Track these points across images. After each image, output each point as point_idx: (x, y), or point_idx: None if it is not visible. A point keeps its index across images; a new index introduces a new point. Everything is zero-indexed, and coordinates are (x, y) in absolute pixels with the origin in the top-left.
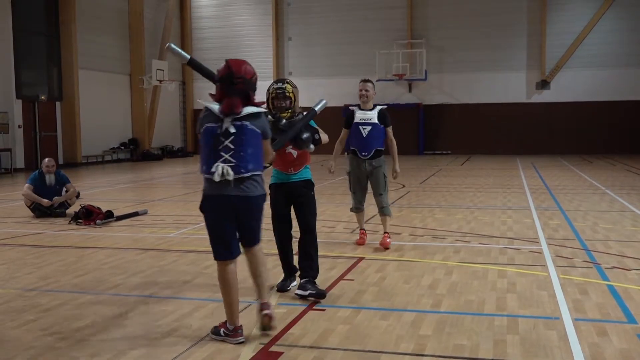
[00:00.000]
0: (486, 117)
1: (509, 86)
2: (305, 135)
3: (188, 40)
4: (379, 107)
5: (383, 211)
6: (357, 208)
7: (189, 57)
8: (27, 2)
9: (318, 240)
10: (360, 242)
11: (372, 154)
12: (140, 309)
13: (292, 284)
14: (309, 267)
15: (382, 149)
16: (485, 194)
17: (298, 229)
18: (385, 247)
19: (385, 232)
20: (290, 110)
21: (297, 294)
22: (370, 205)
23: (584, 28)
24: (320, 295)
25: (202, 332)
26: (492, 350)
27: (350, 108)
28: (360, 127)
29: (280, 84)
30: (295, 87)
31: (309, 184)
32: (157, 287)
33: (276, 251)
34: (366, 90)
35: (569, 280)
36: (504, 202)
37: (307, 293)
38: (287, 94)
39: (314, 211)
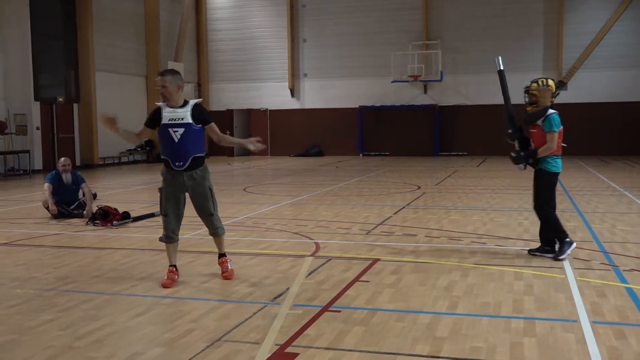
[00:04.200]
0: (502, 119)
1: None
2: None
3: (203, 41)
4: (192, 102)
5: (217, 232)
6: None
7: (501, 68)
8: (44, 6)
9: (333, 241)
10: (168, 284)
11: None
12: (157, 309)
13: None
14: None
15: (203, 155)
16: (502, 196)
17: None
18: (229, 277)
19: (223, 256)
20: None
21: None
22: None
23: (601, 29)
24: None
25: (218, 333)
26: (508, 353)
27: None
28: (170, 129)
29: (529, 83)
30: (542, 85)
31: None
32: (173, 288)
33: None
34: (164, 87)
35: (587, 283)
36: (520, 203)
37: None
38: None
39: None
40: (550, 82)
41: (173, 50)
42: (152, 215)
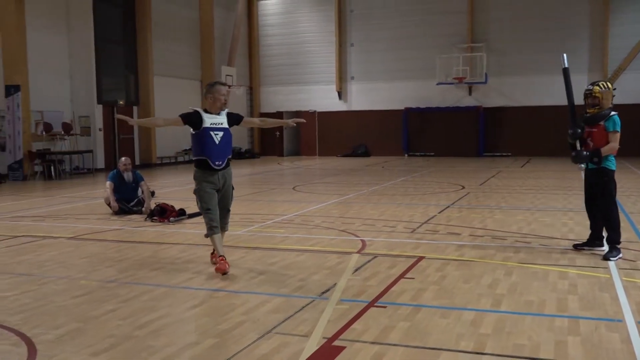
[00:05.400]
0: (547, 120)
1: None
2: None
3: (255, 46)
4: (226, 111)
5: (227, 227)
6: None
7: (566, 66)
8: (107, 14)
9: (379, 239)
10: (225, 268)
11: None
12: (210, 302)
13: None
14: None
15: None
16: (546, 196)
17: None
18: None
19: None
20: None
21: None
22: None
23: None
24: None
25: (268, 325)
26: (552, 351)
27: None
28: (211, 132)
29: (590, 86)
30: (604, 88)
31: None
32: (226, 281)
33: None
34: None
35: (632, 283)
36: (564, 204)
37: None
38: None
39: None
40: (609, 84)
41: (226, 55)
42: None
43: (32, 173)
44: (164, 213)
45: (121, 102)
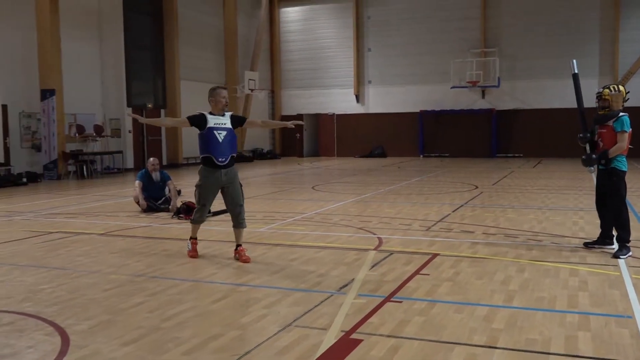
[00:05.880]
0: (557, 122)
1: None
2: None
3: (276, 52)
4: (229, 113)
5: (243, 224)
6: (202, 220)
7: (576, 71)
8: (136, 21)
9: (395, 236)
10: (195, 255)
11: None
12: (234, 296)
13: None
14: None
15: (235, 155)
16: (557, 196)
17: None
18: (247, 261)
19: (240, 246)
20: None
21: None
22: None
23: None
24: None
25: (288, 318)
26: (563, 346)
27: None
28: (215, 132)
29: (601, 89)
30: (614, 91)
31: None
32: (249, 276)
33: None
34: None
35: None
36: (575, 203)
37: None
38: (604, 97)
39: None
40: (622, 87)
41: (249, 61)
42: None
43: (66, 172)
44: (189, 211)
45: (149, 105)
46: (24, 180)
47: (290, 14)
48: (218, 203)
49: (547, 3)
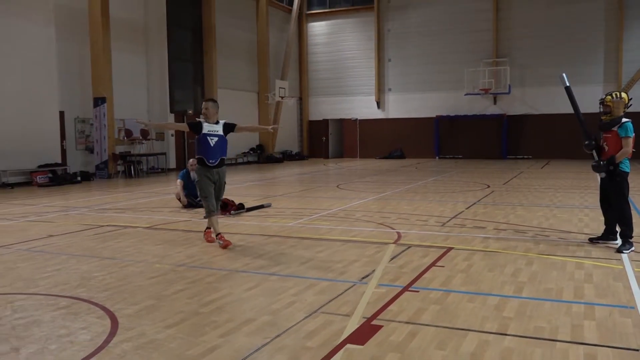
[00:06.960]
0: (564, 126)
1: (585, 98)
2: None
3: (304, 62)
4: (223, 121)
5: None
6: (213, 211)
7: (567, 84)
8: (179, 36)
9: (412, 231)
10: (229, 244)
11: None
12: (265, 284)
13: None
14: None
15: (225, 158)
16: (564, 194)
17: None
18: (229, 245)
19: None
20: (608, 115)
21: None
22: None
23: None
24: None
25: (315, 305)
26: (569, 334)
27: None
28: (208, 137)
29: (604, 95)
30: (616, 98)
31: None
32: (279, 267)
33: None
34: (207, 109)
35: None
36: (581, 201)
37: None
38: (607, 104)
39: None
40: (624, 94)
41: (279, 70)
42: (261, 206)
43: (115, 172)
44: (225, 207)
45: (190, 112)
46: (79, 178)
47: (317, 28)
48: (252, 200)
49: (555, 15)
